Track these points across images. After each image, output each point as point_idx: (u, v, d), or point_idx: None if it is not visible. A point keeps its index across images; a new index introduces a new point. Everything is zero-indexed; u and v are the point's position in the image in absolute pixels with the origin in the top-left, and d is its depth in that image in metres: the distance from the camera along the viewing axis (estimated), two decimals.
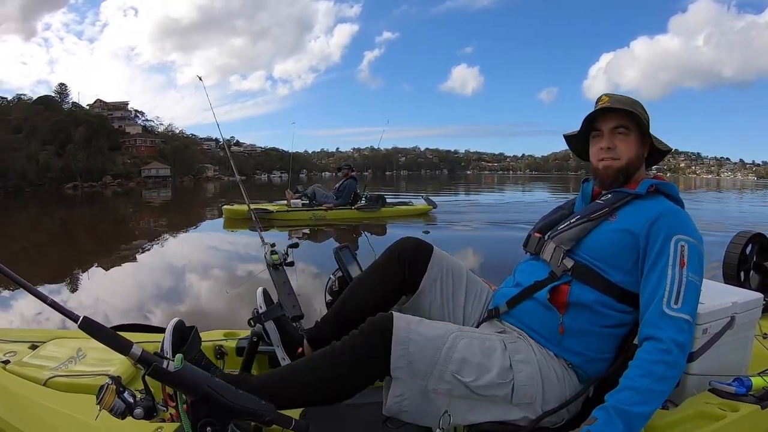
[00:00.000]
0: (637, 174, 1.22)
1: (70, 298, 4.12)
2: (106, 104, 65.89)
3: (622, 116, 1.19)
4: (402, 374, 1.02)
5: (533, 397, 1.07)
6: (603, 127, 1.21)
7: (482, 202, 16.76)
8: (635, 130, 1.20)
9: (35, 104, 50.28)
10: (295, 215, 8.59)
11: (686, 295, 1.02)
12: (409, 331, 1.05)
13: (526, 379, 1.07)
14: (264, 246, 1.77)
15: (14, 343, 1.45)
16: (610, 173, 1.21)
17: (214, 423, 0.88)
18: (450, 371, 1.03)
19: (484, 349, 1.08)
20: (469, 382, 1.03)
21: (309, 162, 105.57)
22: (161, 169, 56.39)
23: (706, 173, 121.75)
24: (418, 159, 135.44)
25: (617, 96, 1.22)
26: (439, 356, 1.04)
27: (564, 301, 1.13)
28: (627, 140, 1.20)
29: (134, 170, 53.68)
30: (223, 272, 5.21)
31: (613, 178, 1.21)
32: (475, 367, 1.05)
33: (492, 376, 1.05)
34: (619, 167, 1.20)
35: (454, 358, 1.04)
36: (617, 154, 1.20)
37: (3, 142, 35.59)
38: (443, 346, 1.06)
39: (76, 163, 43.91)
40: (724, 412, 1.12)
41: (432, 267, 1.30)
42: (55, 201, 22.63)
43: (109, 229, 10.98)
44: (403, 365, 1.02)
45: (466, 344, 1.07)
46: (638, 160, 1.21)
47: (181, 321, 1.14)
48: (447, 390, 1.03)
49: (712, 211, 13.44)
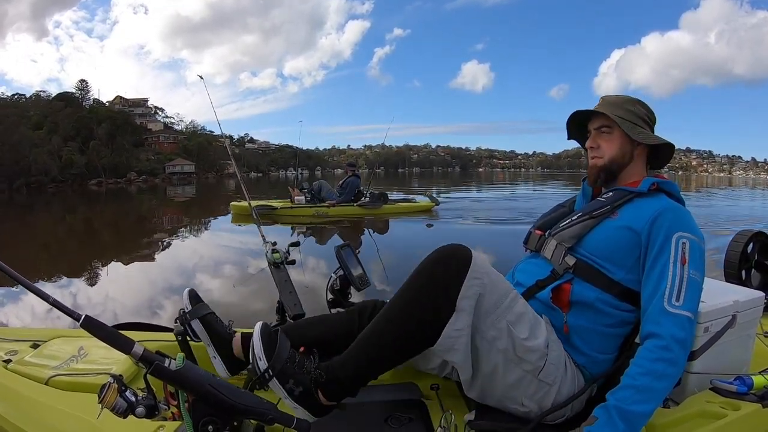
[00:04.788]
0: (626, 171, 1.23)
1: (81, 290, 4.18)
2: (126, 101, 65.72)
3: (604, 116, 1.22)
4: (468, 306, 1.02)
5: (555, 379, 1.08)
6: (590, 128, 1.27)
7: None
8: (619, 129, 1.21)
9: (55, 101, 50.17)
10: (299, 211, 8.76)
11: (687, 292, 1.03)
12: (486, 266, 1.06)
13: (556, 360, 1.09)
14: (265, 245, 1.78)
15: (16, 341, 1.45)
16: (594, 171, 1.25)
17: (215, 421, 0.89)
18: (507, 320, 1.05)
19: (535, 317, 1.11)
20: (520, 338, 1.05)
21: (322, 159, 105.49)
22: (186, 165, 56.22)
23: (718, 171, 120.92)
24: (431, 156, 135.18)
25: (609, 97, 1.27)
26: (504, 302, 1.06)
27: (566, 300, 1.13)
28: (609, 138, 1.23)
29: (158, 167, 53.48)
30: (228, 266, 5.26)
31: (596, 176, 1.25)
32: (528, 328, 1.07)
33: (539, 342, 1.07)
34: (602, 165, 1.23)
35: (515, 310, 1.07)
36: (600, 152, 1.24)
37: (24, 139, 35.34)
38: (509, 294, 1.08)
39: (100, 160, 43.88)
40: (725, 411, 1.12)
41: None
42: (79, 197, 22.79)
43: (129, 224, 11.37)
44: (472, 295, 1.02)
45: (524, 303, 1.10)
46: (624, 157, 1.23)
47: (266, 323, 1.10)
48: (493, 338, 1.05)
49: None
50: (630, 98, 1.26)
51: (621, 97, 1.26)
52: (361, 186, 9.31)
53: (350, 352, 1.08)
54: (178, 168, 55.11)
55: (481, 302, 1.03)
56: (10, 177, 30.98)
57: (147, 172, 49.74)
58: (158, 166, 53.50)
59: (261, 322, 1.08)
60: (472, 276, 1.02)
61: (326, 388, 1.04)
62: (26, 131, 37.38)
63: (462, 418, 1.14)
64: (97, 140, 45.38)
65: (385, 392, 1.36)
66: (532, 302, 1.17)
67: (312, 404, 1.04)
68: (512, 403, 1.10)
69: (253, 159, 78.18)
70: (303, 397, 1.03)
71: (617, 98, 1.26)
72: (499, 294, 1.06)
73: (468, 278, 1.02)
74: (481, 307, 1.04)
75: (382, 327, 1.07)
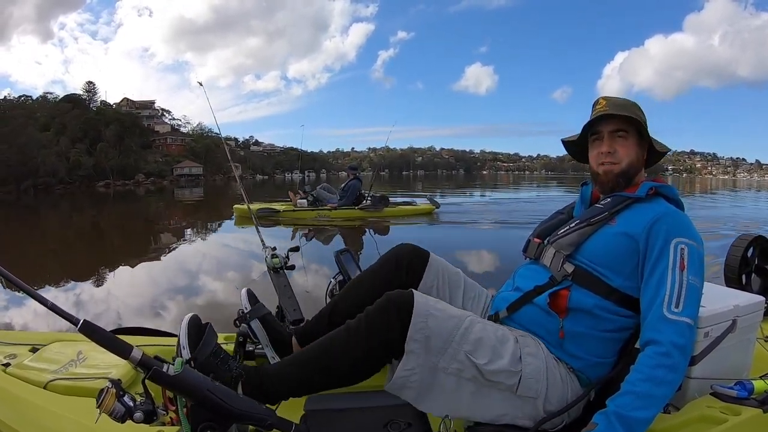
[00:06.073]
0: (637, 177, 1.21)
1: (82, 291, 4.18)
2: (133, 103, 65.87)
3: (621, 119, 1.18)
4: (416, 348, 1.02)
5: (537, 392, 1.07)
6: (603, 131, 1.21)
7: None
8: (634, 133, 1.19)
9: (62, 102, 50.34)
10: (301, 214, 8.85)
11: (687, 298, 1.02)
12: (429, 307, 1.06)
13: (533, 373, 1.07)
14: (265, 249, 1.77)
15: (15, 345, 1.45)
16: (611, 177, 1.20)
17: (214, 427, 0.89)
18: (464, 351, 1.04)
19: (498, 336, 1.10)
20: (481, 365, 1.04)
21: (326, 162, 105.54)
22: (194, 167, 56.25)
23: (722, 174, 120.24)
24: (435, 159, 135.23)
25: (615, 99, 1.22)
26: (456, 334, 1.05)
27: (564, 306, 1.13)
28: (626, 144, 1.19)
29: (166, 169, 53.59)
30: (230, 268, 5.29)
31: (614, 183, 1.21)
32: (488, 351, 1.05)
33: (504, 362, 1.05)
34: (620, 171, 1.20)
35: (470, 338, 1.05)
36: (617, 158, 1.20)
37: (31, 140, 35.40)
38: (461, 325, 1.06)
39: (108, 161, 43.91)
40: (725, 416, 1.11)
41: (428, 273, 1.30)
42: (87, 199, 22.85)
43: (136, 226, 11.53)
44: (420, 338, 1.02)
45: (481, 328, 1.09)
46: (638, 163, 1.21)
47: (196, 316, 1.12)
48: (457, 370, 1.04)
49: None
50: (634, 102, 1.23)
51: (628, 101, 1.22)
52: (362, 189, 9.35)
53: (284, 369, 1.10)
54: (186, 170, 55.18)
55: (431, 342, 1.03)
56: (18, 178, 31.14)
57: (155, 174, 49.84)
58: (166, 168, 53.61)
59: (191, 314, 1.10)
60: (416, 320, 1.03)
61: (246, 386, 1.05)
62: (34, 132, 37.52)
63: (461, 424, 1.14)
64: (105, 142, 45.45)
65: (383, 397, 1.35)
66: (529, 307, 1.17)
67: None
68: (503, 420, 1.08)
69: (258, 161, 78.19)
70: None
71: (625, 101, 1.22)
72: (449, 329, 1.05)
73: (412, 323, 1.02)
74: (433, 346, 1.03)
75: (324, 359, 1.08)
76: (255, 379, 1.07)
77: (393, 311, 1.04)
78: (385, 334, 1.04)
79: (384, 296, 1.08)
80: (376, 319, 1.05)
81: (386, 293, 1.09)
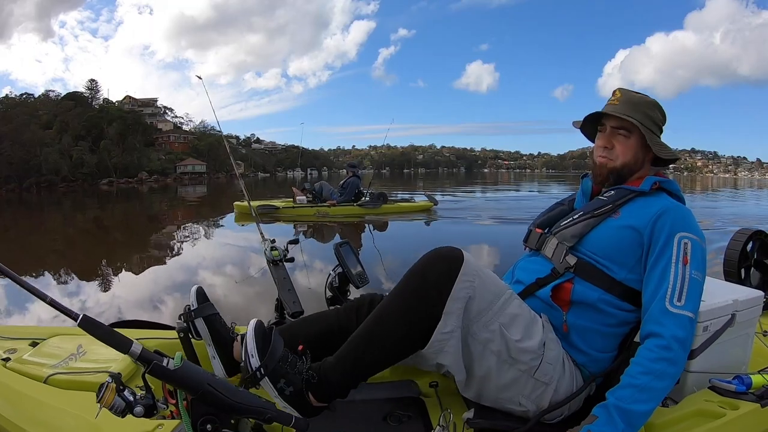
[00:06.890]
0: (635, 175, 1.20)
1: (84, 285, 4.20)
2: (135, 100, 65.03)
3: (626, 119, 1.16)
4: (456, 308, 1.01)
5: (551, 378, 1.08)
6: (606, 125, 1.20)
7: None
8: (638, 134, 1.17)
9: (65, 100, 49.82)
10: (301, 211, 8.85)
11: (689, 292, 1.03)
12: (478, 268, 1.05)
13: (553, 359, 1.08)
14: (264, 242, 1.78)
15: (14, 340, 1.44)
16: (603, 172, 1.21)
17: (214, 420, 0.89)
18: (500, 322, 1.04)
19: (531, 317, 1.10)
20: (512, 340, 1.04)
21: (328, 159, 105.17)
22: (197, 165, 55.80)
23: (723, 172, 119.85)
24: (436, 157, 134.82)
25: (630, 94, 1.20)
26: (497, 303, 1.05)
27: (567, 299, 1.13)
28: (626, 143, 1.18)
29: (169, 166, 52.99)
30: (230, 264, 5.27)
31: (604, 177, 1.21)
32: (521, 329, 1.06)
33: (533, 343, 1.06)
34: (613, 168, 1.19)
35: (507, 312, 1.06)
36: (613, 155, 1.19)
37: (34, 138, 35.10)
38: (502, 295, 1.07)
39: (111, 159, 43.49)
40: (724, 410, 1.12)
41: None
42: (90, 197, 22.73)
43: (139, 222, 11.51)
44: (462, 297, 1.02)
45: (518, 304, 1.09)
46: (636, 164, 1.20)
47: (260, 321, 1.08)
48: (486, 340, 1.04)
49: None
50: (651, 101, 1.19)
51: (643, 97, 1.19)
52: (361, 186, 9.41)
53: (341, 354, 1.07)
54: (189, 168, 54.70)
55: (471, 305, 1.03)
56: (21, 176, 30.94)
57: (158, 172, 49.29)
58: (169, 166, 53.05)
59: (256, 320, 1.06)
60: (463, 278, 1.02)
61: (317, 389, 1.04)
62: (36, 130, 37.17)
63: (461, 416, 1.14)
64: (107, 140, 44.97)
65: (384, 390, 1.36)
66: (531, 300, 1.16)
67: (302, 404, 1.03)
68: (509, 403, 1.09)
69: (260, 159, 77.85)
70: (293, 397, 1.02)
71: (640, 98, 1.19)
72: (491, 296, 1.05)
73: (458, 280, 1.01)
74: (471, 310, 1.03)
75: (373, 329, 1.06)
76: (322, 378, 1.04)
77: (443, 265, 1.03)
78: (434, 289, 1.01)
79: (429, 253, 1.07)
80: (428, 272, 1.03)
81: (432, 249, 1.07)
